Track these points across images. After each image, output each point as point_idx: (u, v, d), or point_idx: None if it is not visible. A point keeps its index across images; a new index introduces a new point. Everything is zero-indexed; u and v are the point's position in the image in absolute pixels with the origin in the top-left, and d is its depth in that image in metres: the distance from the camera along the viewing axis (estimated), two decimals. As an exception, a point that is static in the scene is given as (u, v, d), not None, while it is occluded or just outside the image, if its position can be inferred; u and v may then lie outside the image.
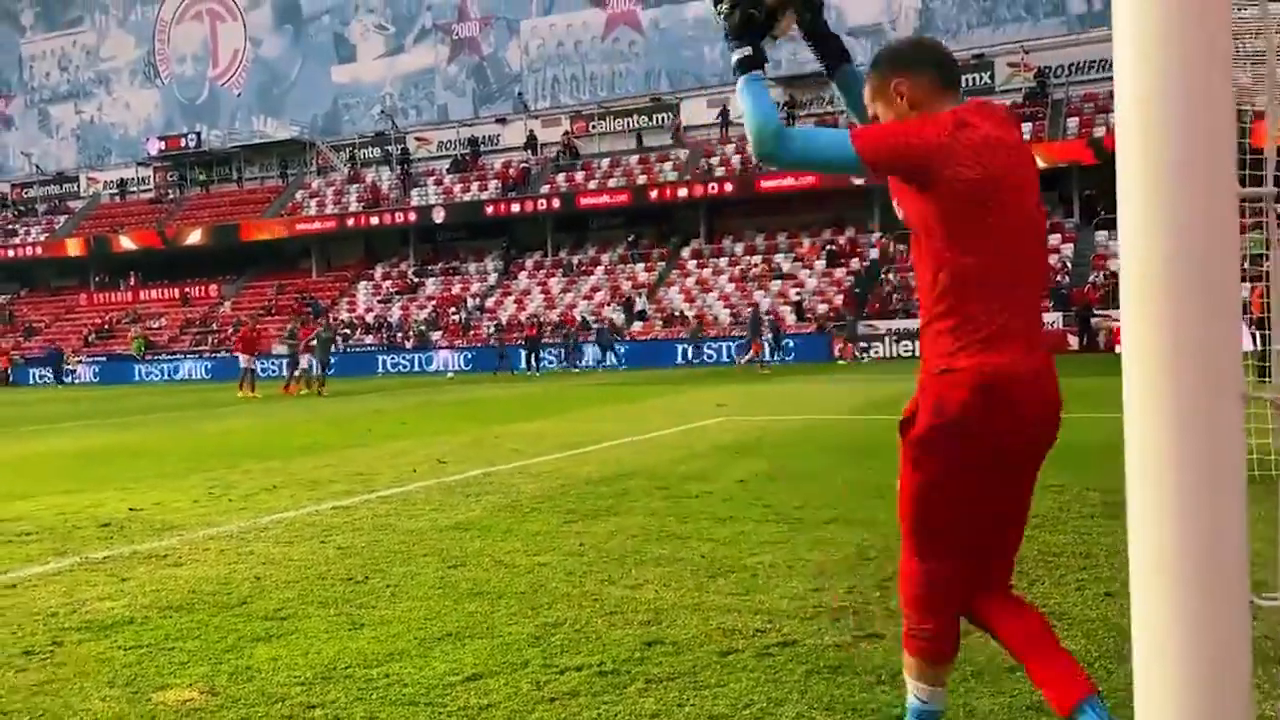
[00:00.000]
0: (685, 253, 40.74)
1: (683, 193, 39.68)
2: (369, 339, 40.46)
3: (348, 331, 40.54)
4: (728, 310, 36.05)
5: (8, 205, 54.96)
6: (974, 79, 35.99)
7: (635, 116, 43.68)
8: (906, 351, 29.98)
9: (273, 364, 38.99)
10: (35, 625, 4.38)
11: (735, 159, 40.40)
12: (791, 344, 32.50)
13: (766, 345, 29.41)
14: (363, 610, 4.39)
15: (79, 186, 54.19)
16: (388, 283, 44.68)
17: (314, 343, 25.53)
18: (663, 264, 40.28)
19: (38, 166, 54.92)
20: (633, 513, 6.46)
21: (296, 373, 25.94)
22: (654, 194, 40.10)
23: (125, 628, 4.27)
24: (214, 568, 5.38)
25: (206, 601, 4.66)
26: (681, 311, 36.65)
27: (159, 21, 52.36)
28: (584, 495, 7.22)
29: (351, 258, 47.28)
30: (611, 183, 41.82)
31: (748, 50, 2.45)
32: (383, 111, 47.47)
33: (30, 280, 53.27)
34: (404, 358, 38.01)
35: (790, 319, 34.52)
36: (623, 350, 33.86)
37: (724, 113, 41.64)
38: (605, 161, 43.17)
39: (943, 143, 2.31)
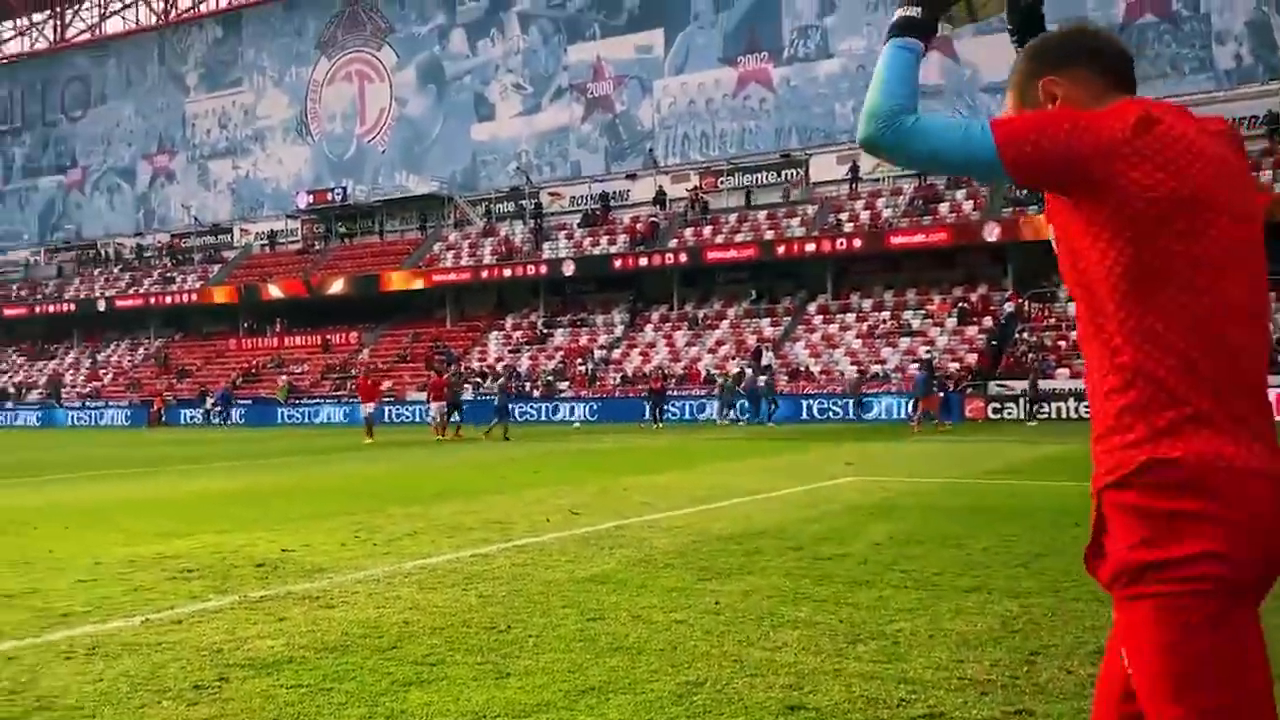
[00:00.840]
0: (811, 308, 40.52)
1: (810, 248, 39.58)
2: (495, 386, 41.31)
3: (479, 380, 41.50)
4: (854, 366, 35.65)
5: (167, 254, 58.32)
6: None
7: (764, 173, 43.90)
8: (1043, 414, 29.14)
9: (407, 410, 40.20)
10: (202, 661, 4.63)
11: (864, 214, 40.16)
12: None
13: (938, 401, 27.60)
14: (507, 660, 4.51)
15: (232, 237, 57.17)
16: (518, 333, 45.67)
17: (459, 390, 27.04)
18: (788, 319, 40.14)
19: (196, 218, 58.20)
20: (766, 572, 6.45)
21: (455, 418, 26.89)
22: (781, 249, 40.10)
23: (286, 666, 4.48)
24: (364, 610, 5.59)
25: (359, 644, 4.85)
26: (807, 367, 36.39)
27: (311, 82, 55.20)
28: (716, 552, 7.24)
29: (484, 308, 48.52)
30: (739, 237, 42.00)
31: (916, 11, 1.89)
32: (518, 168, 48.86)
33: (184, 325, 56.24)
34: (531, 407, 38.68)
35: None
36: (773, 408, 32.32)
37: (854, 168, 41.50)
38: (733, 216, 43.43)
39: (1124, 138, 1.71)
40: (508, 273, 45.69)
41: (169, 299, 54.10)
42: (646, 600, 5.68)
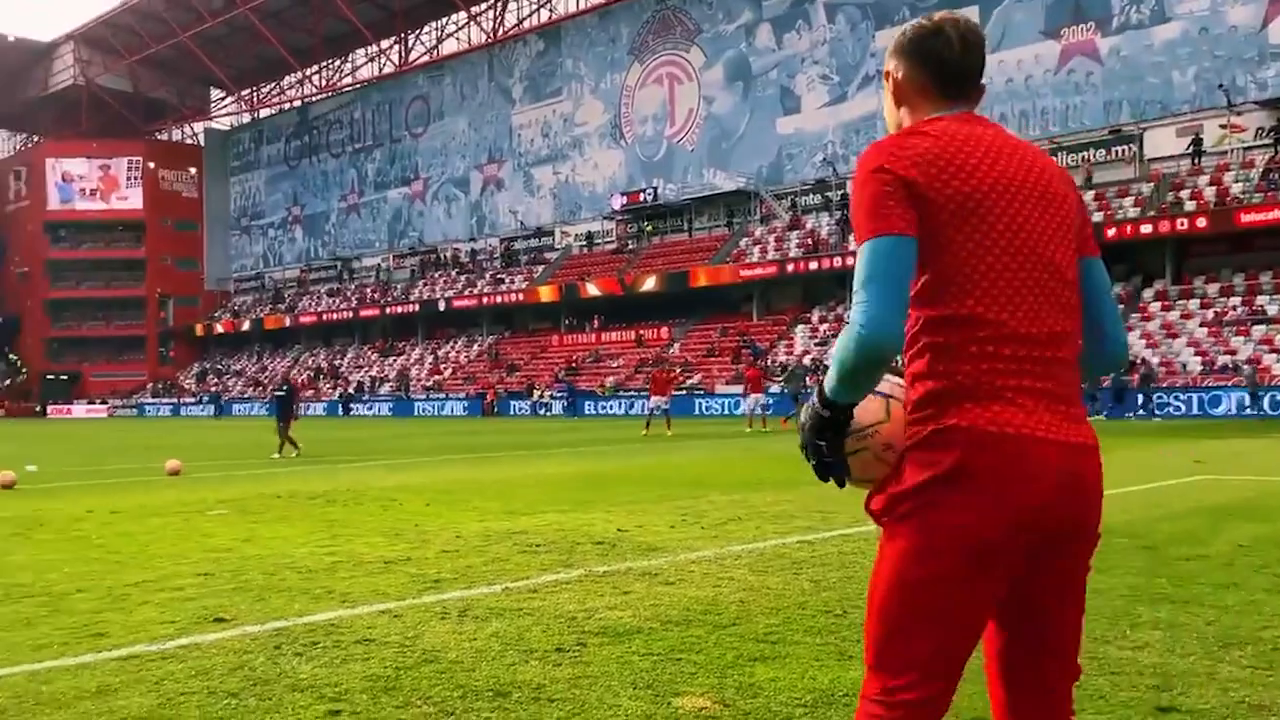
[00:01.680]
0: (1148, 294, 37.47)
1: (1146, 229, 36.59)
2: (807, 381, 41.27)
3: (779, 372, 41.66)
4: (1198, 358, 32.62)
5: (497, 257, 62.78)
6: None
7: (1091, 150, 41.05)
8: None
9: (716, 402, 40.98)
10: (560, 626, 4.98)
11: (1209, 191, 36.63)
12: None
13: None
14: (848, 643, 4.53)
15: (554, 239, 60.66)
16: (824, 326, 45.41)
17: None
18: (1120, 308, 37.32)
19: (522, 222, 62.26)
20: (1116, 572, 6.08)
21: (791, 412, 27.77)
22: (1112, 231, 37.33)
23: (636, 636, 4.74)
24: (701, 589, 5.80)
25: (701, 619, 5.04)
26: (1144, 359, 33.70)
27: (624, 87, 57.50)
28: (1056, 549, 6.89)
29: (790, 302, 48.61)
30: (1063, 221, 39.52)
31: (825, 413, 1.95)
32: (824, 159, 48.55)
33: (512, 323, 60.33)
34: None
35: (1278, 369, 30.55)
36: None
37: (1196, 141, 37.98)
38: (1055, 199, 40.93)
39: (900, 175, 1.91)
40: (814, 265, 45.51)
41: (499, 299, 58.19)
42: (985, 593, 5.51)
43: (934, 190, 1.90)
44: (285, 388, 20.93)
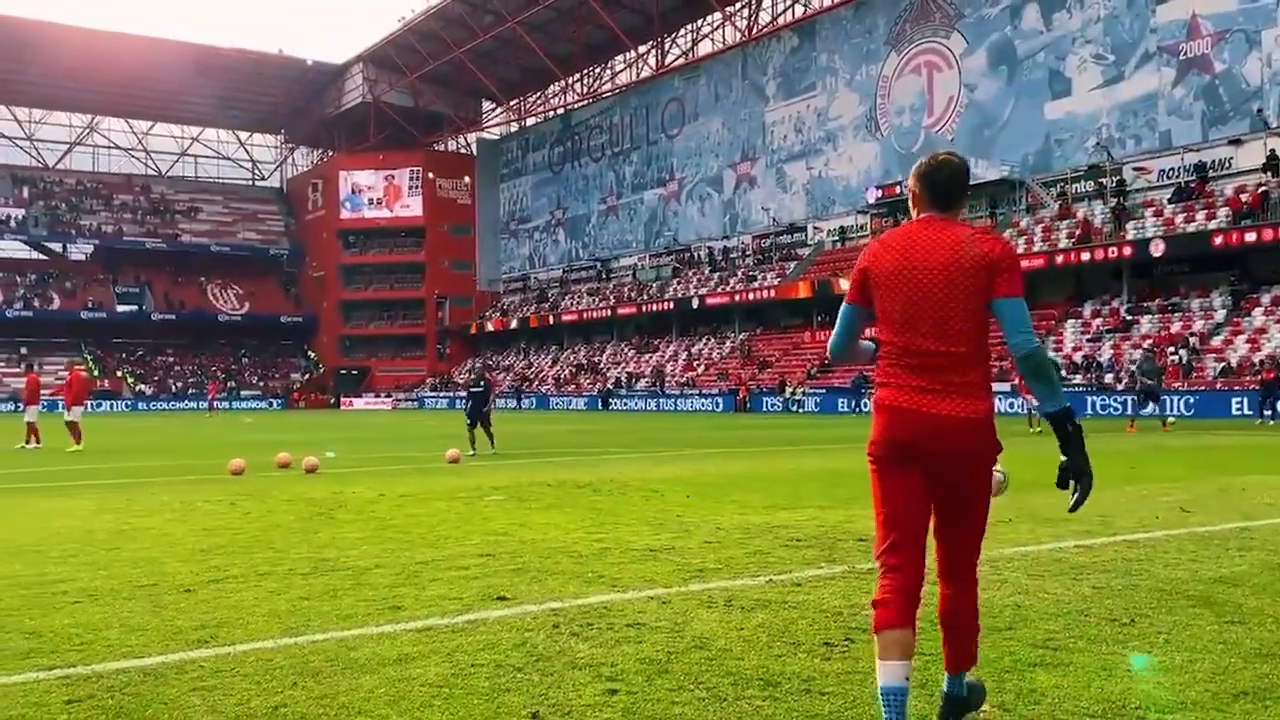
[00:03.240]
0: None
1: None
2: (1076, 379, 38.96)
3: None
4: None
5: (750, 254, 62.98)
6: None
7: None
8: None
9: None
10: (827, 621, 4.97)
11: None
12: None
13: None
14: (1137, 654, 4.27)
15: (806, 235, 60.16)
16: (1098, 320, 42.65)
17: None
18: None
19: (774, 219, 62.14)
20: None
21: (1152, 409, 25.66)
22: None
23: (906, 634, 4.65)
24: (972, 591, 5.61)
25: (974, 621, 4.88)
26: None
27: (880, 78, 56.19)
28: (1379, 565, 6.21)
29: (1059, 295, 45.97)
30: (1381, 203, 35.36)
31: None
32: (1098, 144, 45.57)
33: (764, 319, 60.35)
34: (1116, 400, 35.89)
35: None
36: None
37: None
38: (1373, 178, 36.66)
39: (860, 264, 3.41)
40: (1085, 256, 42.81)
41: (751, 296, 58.34)
42: (1295, 609, 5.05)
43: (872, 274, 3.35)
44: (481, 383, 19.42)
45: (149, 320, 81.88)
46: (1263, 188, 39.15)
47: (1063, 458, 3.20)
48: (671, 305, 64.15)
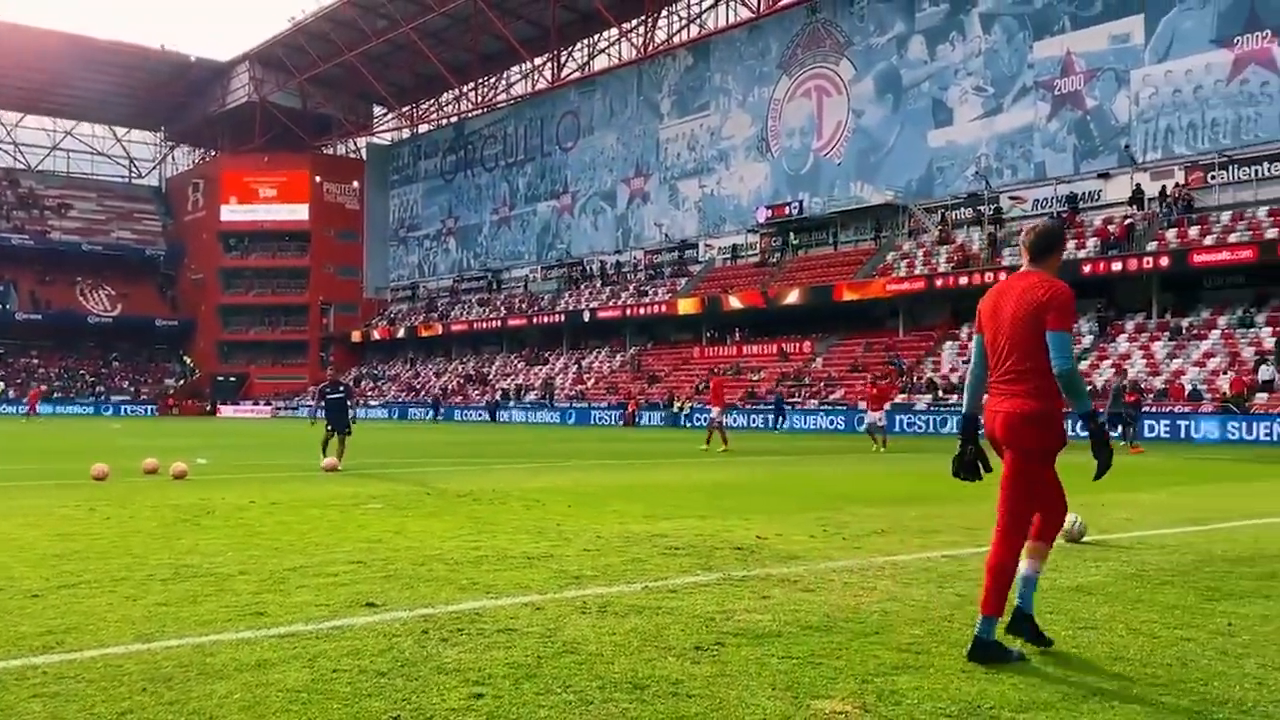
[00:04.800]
0: (1327, 316, 35.13)
1: (1327, 247, 34.29)
2: (953, 399, 40.18)
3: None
4: (1386, 385, 30.37)
5: (642, 269, 63.32)
6: None
7: (1266, 164, 38.76)
8: None
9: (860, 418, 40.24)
10: (699, 626, 4.99)
11: (1401, 206, 34.09)
12: None
13: None
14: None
15: (698, 252, 60.79)
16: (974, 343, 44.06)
17: None
18: (1297, 328, 35.10)
19: (666, 235, 62.63)
20: (1290, 600, 5.72)
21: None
22: (1289, 248, 35.16)
23: (775, 639, 4.71)
24: (842, 597, 5.71)
25: (842, 626, 4.97)
26: (1322, 384, 31.61)
27: (772, 101, 57.24)
28: (1222, 574, 6.53)
29: (938, 318, 47.44)
30: (1233, 238, 37.42)
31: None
32: (977, 172, 47.26)
33: (655, 334, 60.72)
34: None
35: None
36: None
37: (1387, 153, 35.47)
38: (1226, 215, 38.79)
39: (978, 306, 4.71)
40: (963, 281, 44.27)
41: (642, 310, 58.62)
42: (1144, 615, 5.27)
43: (981, 314, 4.64)
44: (340, 388, 17.70)
45: (13, 320, 78.00)
46: (1129, 220, 41.12)
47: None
48: (563, 318, 64.05)
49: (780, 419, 42.13)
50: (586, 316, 61.80)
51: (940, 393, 40.94)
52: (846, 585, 6.09)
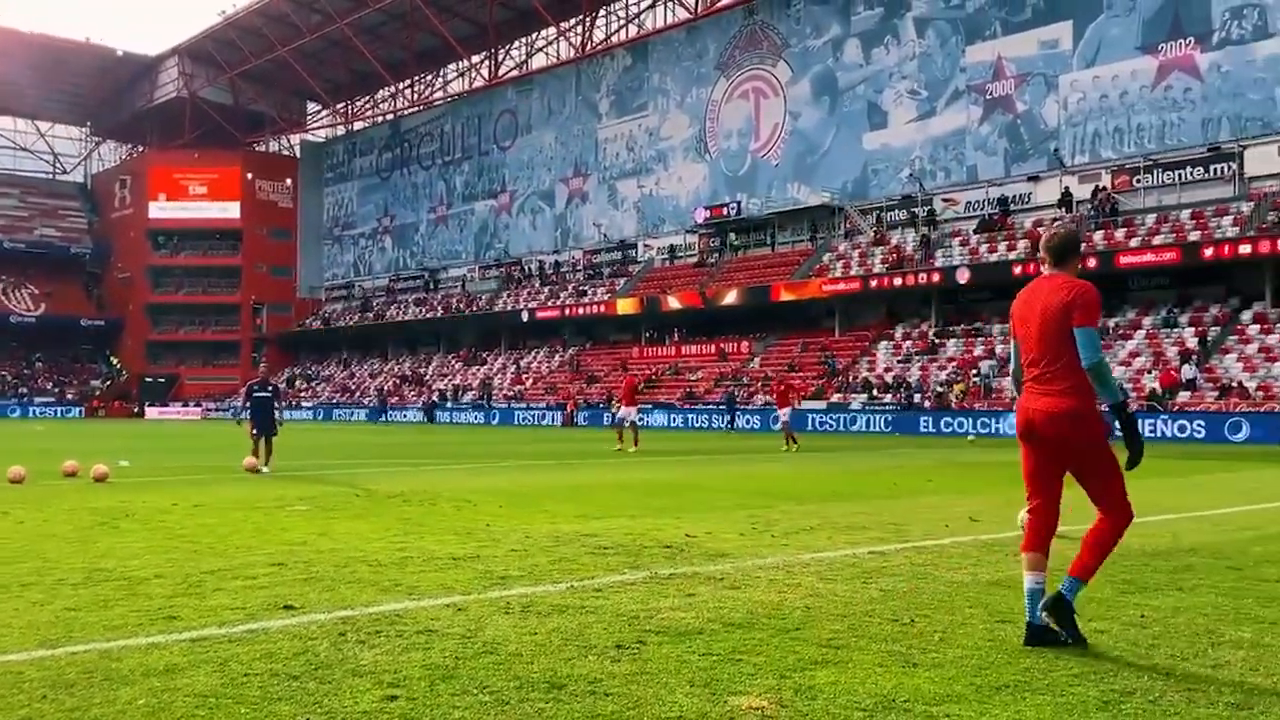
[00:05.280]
0: (1246, 316, 36.16)
1: (1245, 249, 35.32)
2: (887, 399, 40.69)
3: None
4: (1301, 383, 31.35)
5: (581, 269, 63.20)
6: None
7: (1188, 169, 39.82)
8: None
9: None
10: (622, 624, 4.96)
11: (1315, 211, 35.25)
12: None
13: None
14: (913, 651, 4.43)
15: (637, 253, 60.84)
16: (908, 343, 44.72)
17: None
18: (1217, 329, 36.08)
19: (605, 235, 62.59)
20: (1199, 591, 5.85)
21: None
22: (1208, 251, 36.14)
23: (697, 636, 4.70)
24: (766, 594, 5.73)
25: (764, 623, 4.98)
26: (1240, 382, 32.52)
27: (710, 102, 57.49)
28: (1138, 567, 6.67)
29: (873, 318, 48.02)
30: (1156, 240, 38.39)
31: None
32: (910, 174, 47.91)
33: (594, 334, 60.64)
34: (925, 418, 37.68)
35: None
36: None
37: (1301, 159, 36.63)
38: (1151, 218, 39.78)
39: (1011, 310, 4.86)
40: (898, 281, 44.87)
41: (581, 310, 58.50)
42: (1060, 608, 5.35)
43: (1013, 316, 4.79)
44: (268, 387, 17.21)
45: (-71, 319, 75.63)
46: (1057, 222, 41.92)
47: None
48: (501, 318, 63.70)
49: (733, 420, 41.63)
50: (525, 316, 61.52)
51: (875, 392, 41.42)
52: (772, 582, 6.11)
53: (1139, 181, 41.08)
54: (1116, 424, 4.64)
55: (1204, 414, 31.61)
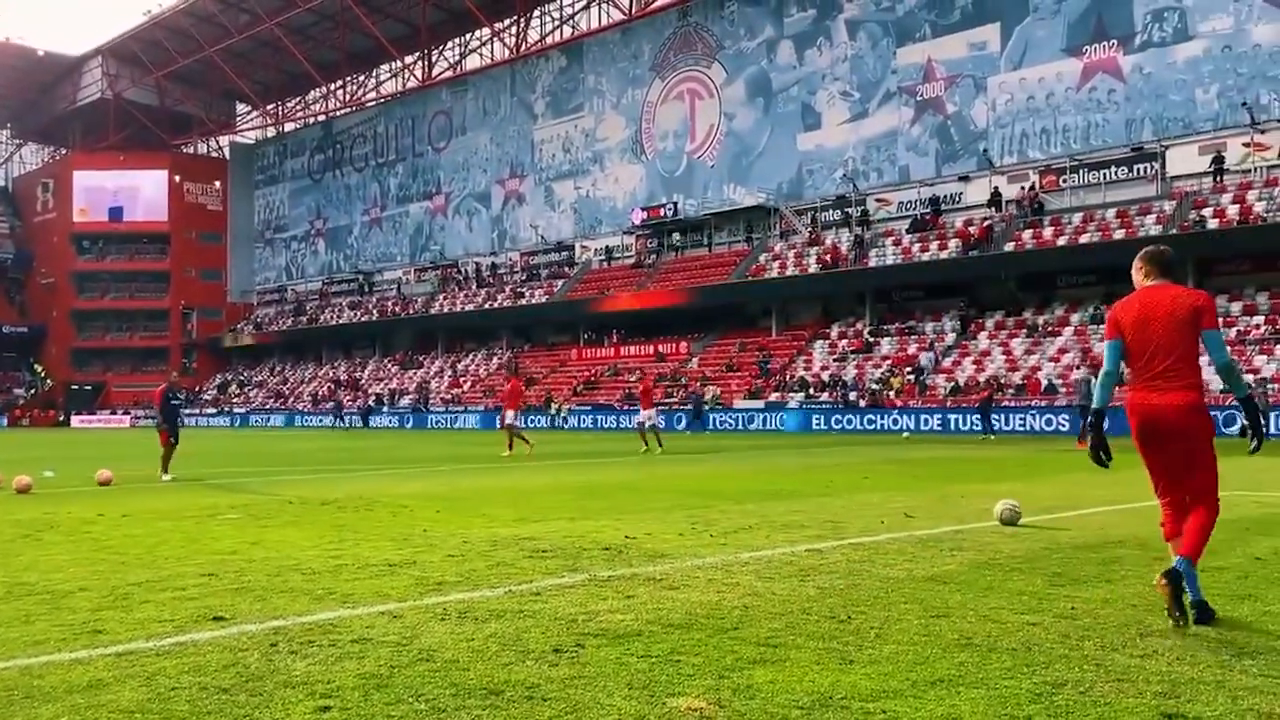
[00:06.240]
0: (1170, 313, 37.14)
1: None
2: (824, 396, 41.10)
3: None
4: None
5: (518, 271, 62.91)
6: None
7: (1112, 168, 40.82)
8: None
9: (730, 417, 40.78)
10: (560, 628, 4.93)
11: (1232, 209, 36.33)
12: (1304, 417, 28.33)
13: None
14: (850, 648, 4.46)
15: (574, 254, 60.74)
16: (844, 342, 45.21)
17: None
18: (1142, 325, 37.03)
19: (543, 237, 62.39)
20: (1128, 582, 5.98)
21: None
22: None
23: (636, 639, 4.68)
24: (705, 594, 5.73)
25: (703, 623, 4.98)
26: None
27: (645, 103, 57.62)
28: (1068, 560, 6.80)
29: (810, 317, 48.48)
30: (1084, 238, 39.28)
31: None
32: (844, 175, 48.46)
33: (532, 336, 60.41)
34: (858, 416, 38.11)
35: (1302, 388, 30.17)
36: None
37: (1218, 159, 37.72)
38: (1077, 216, 40.69)
39: (1114, 315, 5.19)
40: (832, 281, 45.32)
41: (518, 312, 58.20)
42: (994, 601, 5.43)
43: (1122, 321, 5.11)
44: (180, 394, 16.66)
45: None
46: (988, 221, 42.73)
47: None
48: (437, 320, 63.16)
49: (699, 421, 40.27)
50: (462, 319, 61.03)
51: (812, 390, 41.80)
52: (710, 582, 6.11)
53: (1065, 181, 41.99)
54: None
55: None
